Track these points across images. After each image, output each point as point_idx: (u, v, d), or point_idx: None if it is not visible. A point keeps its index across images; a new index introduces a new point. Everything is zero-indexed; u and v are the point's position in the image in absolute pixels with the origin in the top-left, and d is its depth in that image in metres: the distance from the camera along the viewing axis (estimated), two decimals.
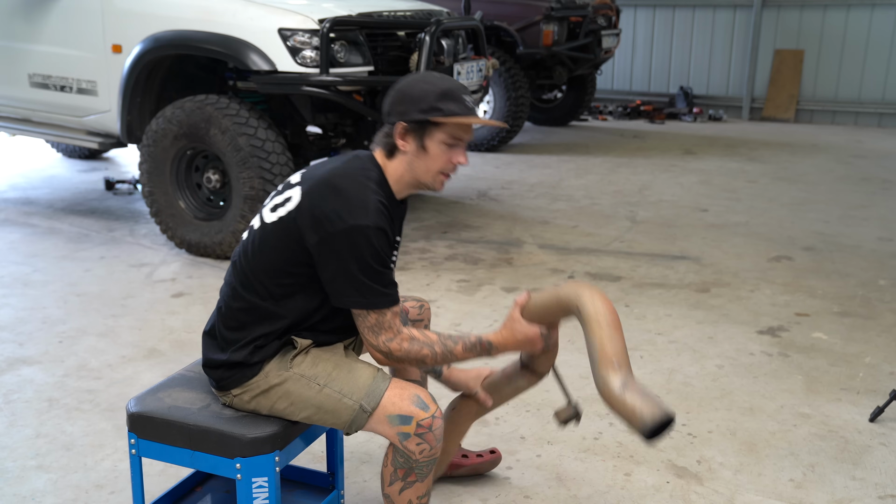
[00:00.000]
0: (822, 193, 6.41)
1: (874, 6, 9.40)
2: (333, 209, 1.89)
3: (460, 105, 1.95)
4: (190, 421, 1.99)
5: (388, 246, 1.94)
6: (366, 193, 1.92)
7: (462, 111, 1.94)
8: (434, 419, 1.91)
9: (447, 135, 1.96)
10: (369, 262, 1.89)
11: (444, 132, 1.96)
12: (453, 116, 1.94)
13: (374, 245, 1.88)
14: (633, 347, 3.59)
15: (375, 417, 1.94)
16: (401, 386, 1.96)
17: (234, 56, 4.37)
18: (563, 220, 5.60)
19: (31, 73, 5.17)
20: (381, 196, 1.94)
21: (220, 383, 2.03)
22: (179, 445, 2.00)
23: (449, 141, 1.97)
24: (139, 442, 2.04)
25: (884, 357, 3.51)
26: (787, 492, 2.56)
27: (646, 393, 1.82)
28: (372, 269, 1.90)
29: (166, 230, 4.79)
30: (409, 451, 1.93)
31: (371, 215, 1.88)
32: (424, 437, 1.91)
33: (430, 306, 2.44)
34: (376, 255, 1.89)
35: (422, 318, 2.38)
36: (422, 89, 1.95)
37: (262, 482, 1.95)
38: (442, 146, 1.97)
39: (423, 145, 1.97)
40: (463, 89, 1.98)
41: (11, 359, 3.43)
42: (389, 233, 1.94)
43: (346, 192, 1.91)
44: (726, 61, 10.39)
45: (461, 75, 4.96)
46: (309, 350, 2.05)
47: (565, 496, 2.53)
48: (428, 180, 2.01)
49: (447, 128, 1.96)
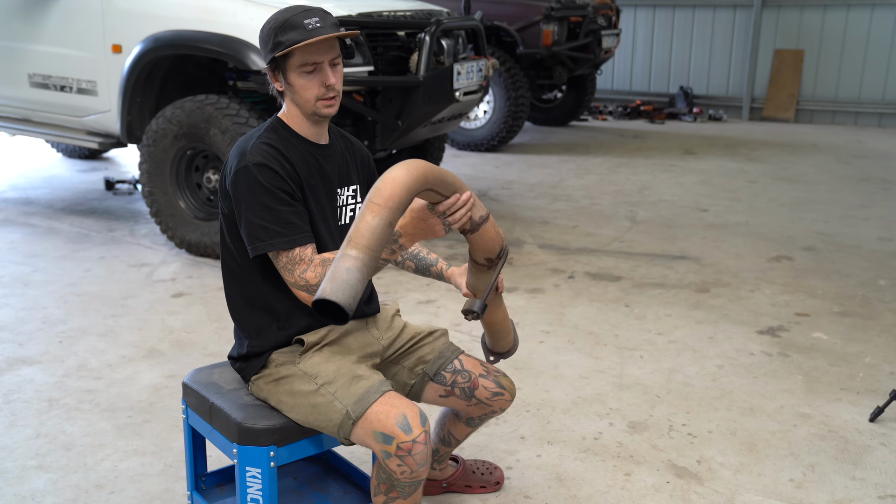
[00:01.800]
0: (822, 193, 6.41)
1: (874, 6, 9.40)
2: (229, 165, 2.01)
3: (300, 31, 1.93)
4: (213, 398, 2.11)
5: (281, 180, 1.95)
6: (248, 142, 2.00)
7: (302, 37, 1.93)
8: (415, 444, 1.85)
9: (300, 63, 1.97)
10: (261, 199, 1.93)
11: (294, 62, 1.97)
12: (294, 45, 1.93)
13: (261, 181, 1.93)
14: (633, 347, 3.59)
15: (362, 429, 1.92)
16: (391, 403, 1.91)
17: (234, 56, 4.37)
18: (563, 220, 5.60)
19: (31, 73, 5.17)
20: (268, 138, 2.00)
21: (241, 374, 2.14)
22: (204, 418, 2.15)
23: (307, 68, 1.97)
24: (186, 409, 2.24)
25: (884, 357, 3.51)
26: (787, 492, 2.56)
27: (347, 279, 1.60)
28: (265, 207, 1.93)
29: (166, 230, 4.79)
30: (391, 470, 1.89)
31: (249, 155, 1.95)
32: (404, 461, 1.86)
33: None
34: (266, 191, 1.93)
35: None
36: (267, 29, 1.98)
37: (255, 473, 1.99)
38: (302, 76, 1.98)
39: (288, 81, 2.00)
40: (305, 14, 1.96)
41: (11, 359, 3.43)
42: (279, 167, 1.95)
43: (235, 149, 2.02)
44: (726, 61, 10.39)
45: (461, 75, 4.96)
46: (322, 349, 2.06)
47: (565, 496, 2.53)
48: (310, 110, 2.02)
49: (296, 57, 1.96)
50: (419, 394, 2.23)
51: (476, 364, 2.25)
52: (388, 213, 1.67)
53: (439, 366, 2.21)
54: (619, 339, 3.68)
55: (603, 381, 3.27)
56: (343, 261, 1.62)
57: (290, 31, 1.93)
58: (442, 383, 2.20)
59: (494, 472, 2.58)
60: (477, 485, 2.55)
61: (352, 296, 1.58)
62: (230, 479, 2.38)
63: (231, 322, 3.79)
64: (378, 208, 1.67)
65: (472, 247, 1.99)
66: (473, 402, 2.22)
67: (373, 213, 1.66)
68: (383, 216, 1.66)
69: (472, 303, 1.95)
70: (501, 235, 2.01)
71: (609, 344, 3.63)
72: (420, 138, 5.24)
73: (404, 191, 1.70)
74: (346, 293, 1.58)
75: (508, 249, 2.05)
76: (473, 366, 2.24)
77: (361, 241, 1.64)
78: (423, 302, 4.09)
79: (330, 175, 2.10)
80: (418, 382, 2.22)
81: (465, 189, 1.88)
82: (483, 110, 7.87)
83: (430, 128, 5.12)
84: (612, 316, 3.95)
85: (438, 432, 2.41)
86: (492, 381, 2.22)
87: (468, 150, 8.06)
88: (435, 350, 2.23)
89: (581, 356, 3.49)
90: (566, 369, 3.37)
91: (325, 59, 1.98)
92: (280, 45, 1.94)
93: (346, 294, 1.58)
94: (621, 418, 2.99)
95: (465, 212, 1.86)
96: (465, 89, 5.02)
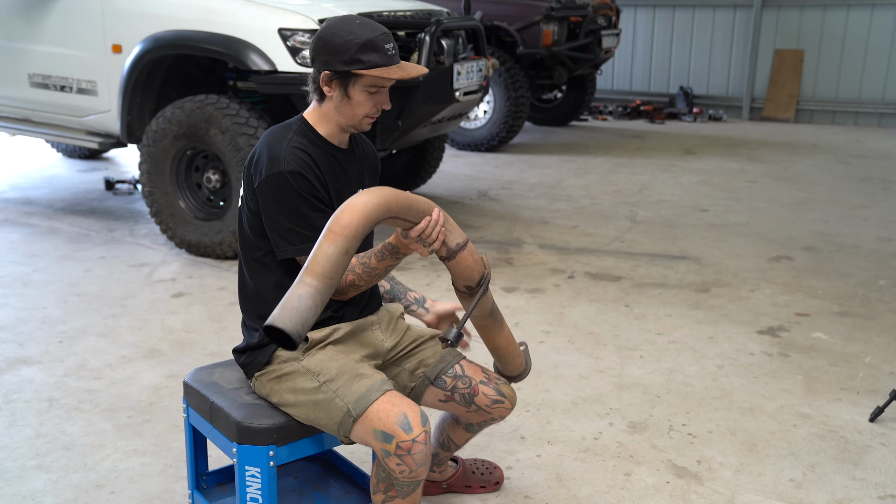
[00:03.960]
0: (822, 193, 6.41)
1: (874, 6, 9.40)
2: (257, 167, 2.03)
3: (381, 55, 1.99)
4: (214, 398, 2.11)
5: (313, 187, 2.00)
6: (280, 144, 2.02)
7: (383, 61, 1.99)
8: (415, 443, 1.86)
9: (369, 84, 2.01)
10: (295, 204, 1.98)
11: (366, 81, 2.01)
12: (374, 68, 1.98)
13: (295, 188, 1.98)
14: (633, 347, 3.59)
15: (362, 427, 1.92)
16: (392, 402, 1.92)
17: (234, 56, 4.37)
18: (563, 220, 5.60)
19: (31, 73, 5.17)
20: (300, 143, 2.03)
21: (245, 369, 2.14)
22: (204, 417, 2.15)
23: (371, 89, 2.03)
24: (188, 408, 2.25)
25: (884, 357, 3.51)
26: (787, 492, 2.56)
27: (297, 307, 1.62)
28: (297, 213, 1.98)
29: (166, 230, 4.79)
30: (390, 469, 1.90)
31: (283, 162, 1.98)
32: (403, 460, 1.87)
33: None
34: (299, 197, 1.98)
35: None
36: (344, 40, 1.99)
37: (255, 472, 2.00)
38: (365, 94, 2.03)
39: (347, 94, 2.03)
40: (385, 37, 2.01)
41: (11, 359, 3.43)
42: (311, 175, 2.00)
43: (265, 149, 2.04)
44: (726, 61, 10.39)
45: (461, 75, 4.96)
46: (326, 346, 2.07)
47: (565, 496, 2.53)
48: (354, 124, 2.08)
49: (369, 78, 2.00)
50: (419, 397, 2.23)
51: (477, 370, 2.24)
52: (345, 242, 1.68)
53: (440, 370, 2.21)
54: (619, 339, 3.68)
55: (603, 381, 3.27)
56: (298, 287, 1.65)
57: (371, 53, 1.98)
58: (442, 388, 2.21)
59: (494, 472, 2.58)
60: (477, 485, 2.55)
61: (301, 323, 1.61)
62: (231, 479, 2.39)
63: (231, 322, 3.79)
64: (334, 236, 1.68)
65: (451, 274, 2.02)
66: (473, 408, 2.22)
67: (329, 241, 1.68)
68: (339, 245, 1.68)
69: (449, 330, 1.94)
70: (483, 263, 2.02)
71: (609, 344, 3.63)
72: (420, 138, 5.24)
73: (362, 220, 1.71)
74: (295, 320, 1.60)
75: (490, 277, 2.04)
76: (474, 372, 2.23)
77: (317, 268, 1.66)
78: None
79: (352, 178, 2.16)
80: (418, 386, 2.22)
81: (433, 209, 1.89)
82: (483, 110, 7.87)
83: (430, 128, 5.12)
84: (612, 316, 3.95)
85: (438, 437, 2.41)
86: (492, 388, 2.22)
87: (468, 150, 8.06)
88: (436, 354, 2.24)
89: (581, 356, 3.49)
90: (566, 369, 3.37)
91: (391, 83, 2.05)
92: (360, 63, 1.98)
93: (295, 321, 1.60)
94: (621, 418, 2.99)
95: (438, 232, 1.89)
96: (465, 89, 5.02)
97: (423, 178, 6.09)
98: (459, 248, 1.94)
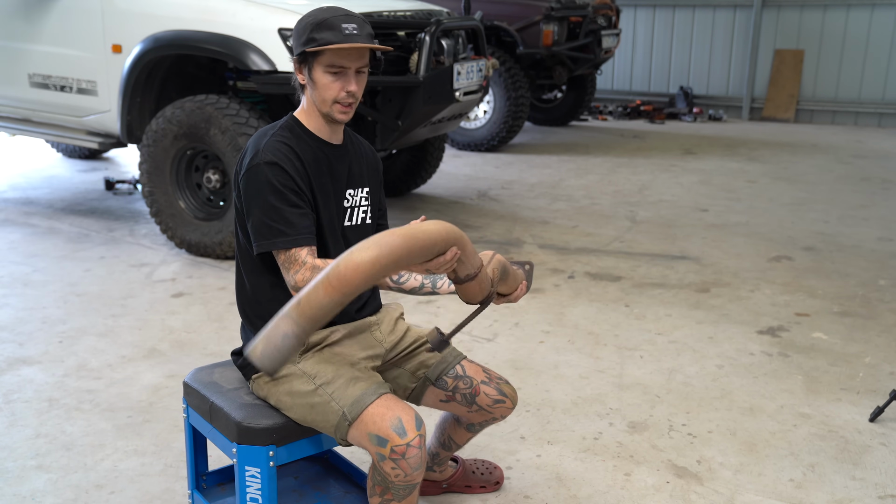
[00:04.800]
0: (822, 193, 6.41)
1: (874, 6, 9.40)
2: (241, 162, 2.05)
3: (336, 33, 1.96)
4: (213, 398, 2.11)
5: (290, 178, 1.98)
6: (262, 139, 2.03)
7: (337, 39, 1.96)
8: (409, 447, 1.85)
9: (327, 63, 1.99)
10: (268, 198, 1.96)
11: (324, 61, 1.99)
12: (328, 45, 1.96)
13: (270, 180, 1.97)
14: (633, 347, 3.59)
15: (357, 431, 1.92)
16: (387, 406, 1.91)
17: (234, 56, 4.37)
18: (563, 220, 5.60)
19: (31, 73, 5.17)
20: (283, 136, 2.03)
21: (243, 371, 2.15)
22: (204, 418, 2.15)
23: (332, 69, 2.00)
24: (188, 408, 2.25)
25: (884, 357, 3.51)
26: (787, 492, 2.56)
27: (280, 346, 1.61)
28: (271, 207, 1.96)
29: (166, 230, 4.79)
30: (385, 473, 1.89)
31: (262, 154, 1.99)
32: (398, 464, 1.86)
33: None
34: (273, 189, 1.97)
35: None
36: (304, 23, 2.00)
37: (254, 472, 2.00)
38: (327, 75, 2.00)
39: (312, 77, 2.02)
40: (345, 18, 1.99)
41: (11, 359, 3.43)
42: (289, 167, 1.99)
43: (250, 145, 2.05)
44: (726, 61, 10.39)
45: (461, 75, 4.96)
46: (323, 349, 2.07)
47: (565, 496, 2.53)
48: (325, 111, 2.05)
49: (325, 57, 1.98)
50: (420, 398, 2.23)
51: (478, 370, 2.24)
52: (341, 297, 1.65)
53: (441, 370, 2.21)
54: (619, 339, 3.68)
55: (603, 381, 3.27)
56: (285, 322, 1.61)
57: (325, 31, 1.97)
58: (443, 388, 2.20)
59: (494, 471, 2.58)
60: (477, 485, 2.55)
61: (280, 362, 1.61)
62: (231, 479, 2.39)
63: (230, 322, 3.79)
64: (332, 290, 1.64)
65: (456, 289, 2.01)
66: (474, 408, 2.22)
67: (326, 293, 1.64)
68: (335, 298, 1.65)
69: (435, 336, 1.91)
70: (487, 289, 1.99)
71: (609, 344, 3.63)
72: (420, 138, 5.24)
73: (363, 280, 1.66)
74: (275, 361, 1.60)
75: (492, 300, 2.04)
76: (475, 372, 2.23)
77: (308, 311, 1.63)
78: (424, 302, 4.09)
79: (340, 175, 2.12)
80: (419, 386, 2.21)
81: (449, 250, 1.80)
82: (483, 110, 7.87)
83: (430, 128, 5.12)
84: (612, 316, 3.95)
85: (439, 437, 2.41)
86: (493, 388, 2.22)
87: (468, 150, 8.06)
88: (437, 354, 2.23)
89: (581, 356, 3.49)
90: (566, 369, 3.37)
91: (353, 66, 2.02)
92: (313, 42, 1.97)
93: (274, 362, 1.60)
94: (621, 418, 2.99)
95: (446, 269, 1.83)
96: (465, 89, 5.02)
97: (423, 178, 6.09)
98: (468, 279, 1.94)
